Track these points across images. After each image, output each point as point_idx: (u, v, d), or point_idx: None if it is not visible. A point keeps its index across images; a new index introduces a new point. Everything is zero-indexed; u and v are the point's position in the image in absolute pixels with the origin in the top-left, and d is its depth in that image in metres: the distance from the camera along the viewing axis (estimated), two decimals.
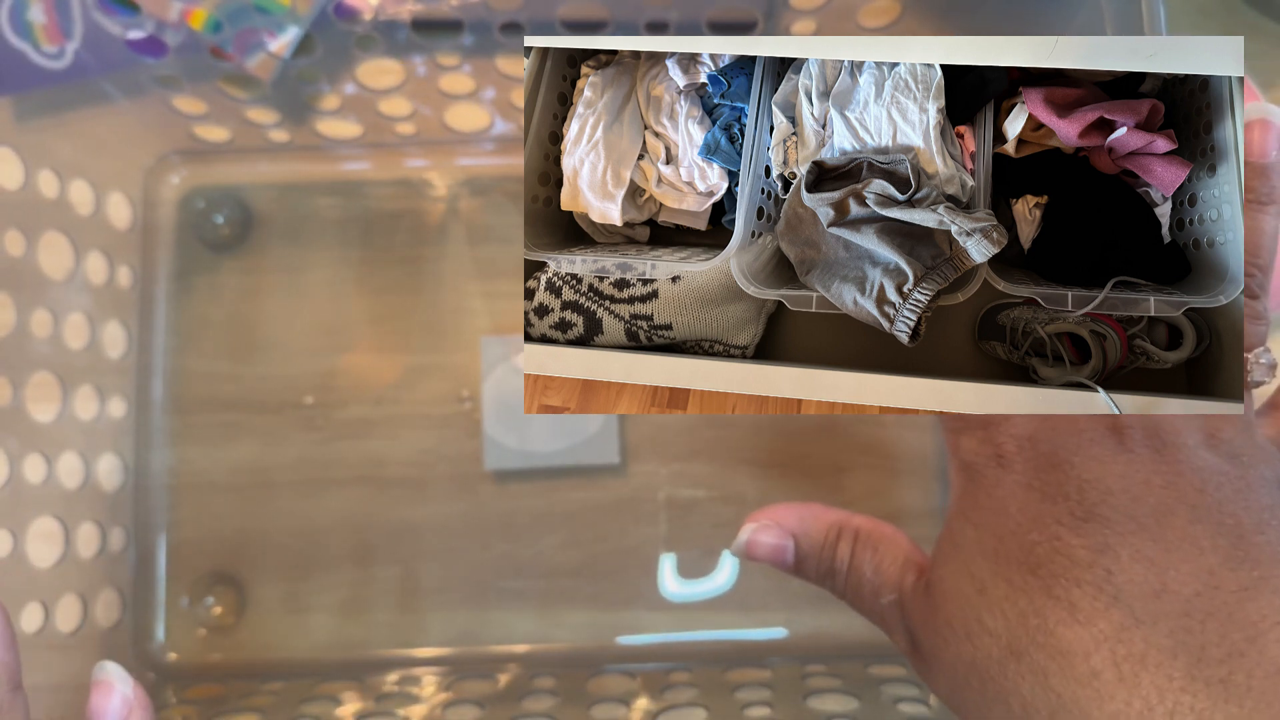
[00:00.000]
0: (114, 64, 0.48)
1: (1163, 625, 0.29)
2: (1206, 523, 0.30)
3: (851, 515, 0.35)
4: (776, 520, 0.35)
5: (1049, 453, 0.32)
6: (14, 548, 0.45)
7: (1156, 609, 0.29)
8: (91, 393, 0.51)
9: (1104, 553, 0.30)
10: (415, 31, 0.48)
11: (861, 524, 0.35)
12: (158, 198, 0.57)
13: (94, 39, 0.47)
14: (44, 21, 0.46)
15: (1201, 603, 0.29)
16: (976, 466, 0.33)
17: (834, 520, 0.35)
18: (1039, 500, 0.31)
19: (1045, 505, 0.31)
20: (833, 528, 0.35)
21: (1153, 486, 0.31)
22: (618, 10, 0.47)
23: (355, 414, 0.57)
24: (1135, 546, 0.30)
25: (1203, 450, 0.32)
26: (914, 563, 0.34)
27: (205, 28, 0.47)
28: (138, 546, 0.54)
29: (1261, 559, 0.30)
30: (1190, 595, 0.29)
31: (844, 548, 0.35)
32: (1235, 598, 0.29)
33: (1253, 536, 0.30)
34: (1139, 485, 0.31)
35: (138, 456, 0.55)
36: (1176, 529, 0.30)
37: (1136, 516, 0.30)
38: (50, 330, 0.49)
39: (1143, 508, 0.30)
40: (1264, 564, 0.30)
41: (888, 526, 0.35)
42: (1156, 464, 0.31)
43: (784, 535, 0.35)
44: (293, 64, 0.51)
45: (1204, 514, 0.30)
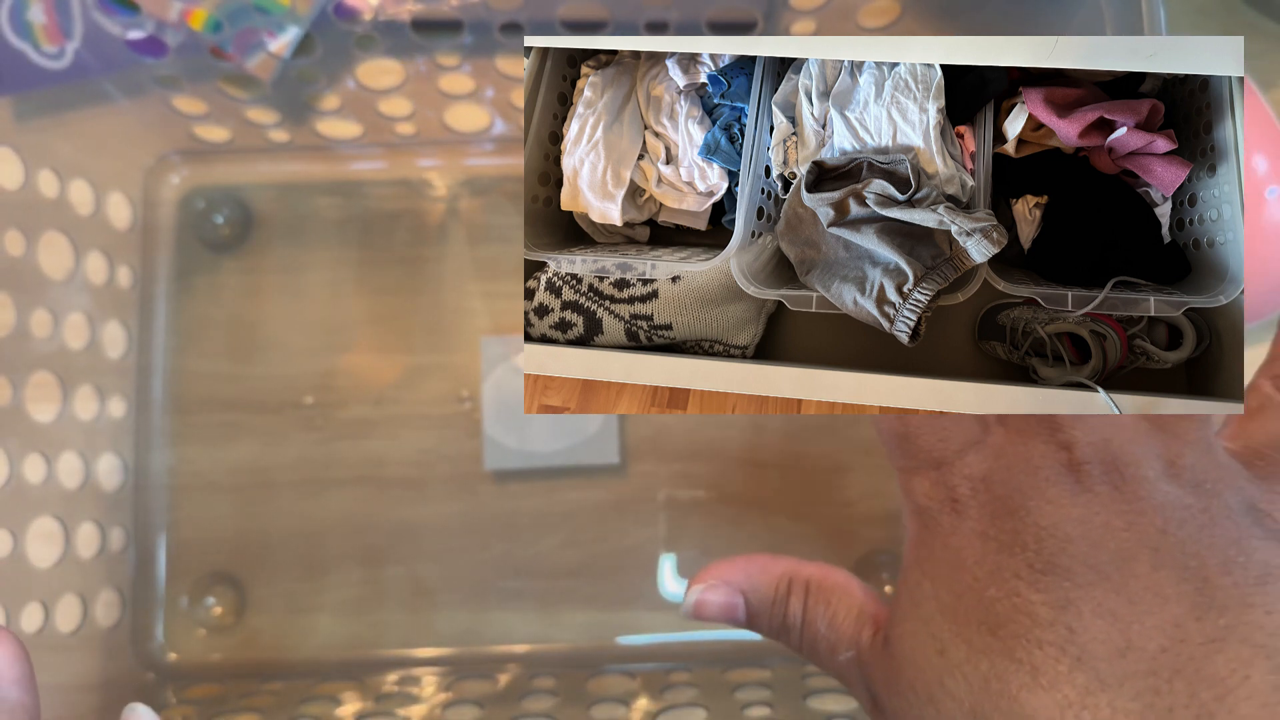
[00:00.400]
0: (114, 64, 0.49)
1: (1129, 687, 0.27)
2: (1170, 568, 0.29)
3: (801, 564, 0.34)
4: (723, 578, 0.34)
5: (1004, 496, 0.30)
6: (14, 548, 0.45)
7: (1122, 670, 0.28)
8: (91, 393, 0.51)
9: (1065, 609, 0.28)
10: (415, 31, 0.48)
11: (812, 574, 0.34)
12: (158, 198, 0.57)
13: (94, 39, 0.47)
14: (44, 21, 0.46)
15: (1168, 659, 0.28)
16: (930, 512, 0.31)
17: (783, 572, 0.34)
18: (996, 551, 0.30)
19: (1003, 557, 0.30)
20: (782, 580, 0.34)
21: (1113, 530, 0.29)
22: (617, 10, 0.47)
23: (355, 414, 0.57)
24: (1098, 600, 0.28)
25: (1164, 483, 0.30)
26: (869, 615, 0.33)
27: (205, 28, 0.47)
28: (138, 546, 0.54)
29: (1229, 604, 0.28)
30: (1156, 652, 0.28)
31: (795, 602, 0.33)
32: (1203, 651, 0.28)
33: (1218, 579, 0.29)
34: (1099, 530, 0.29)
35: (138, 456, 0.55)
36: (1140, 577, 0.29)
37: (1098, 566, 0.29)
38: (50, 330, 0.49)
39: (1104, 555, 0.29)
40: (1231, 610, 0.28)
41: (839, 574, 0.34)
42: (1116, 503, 0.30)
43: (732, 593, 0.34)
44: (293, 64, 0.51)
45: (1167, 558, 0.29)
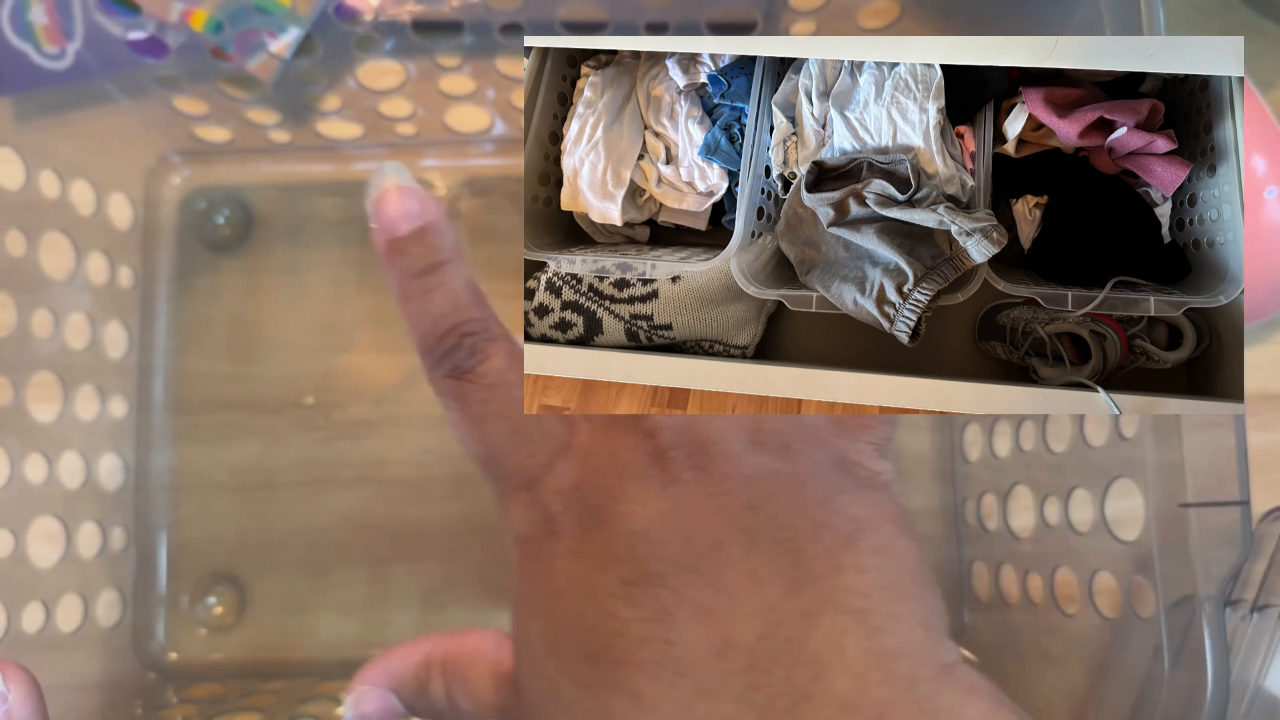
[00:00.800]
0: (115, 65, 0.49)
1: (728, 689, 0.26)
2: (763, 547, 0.27)
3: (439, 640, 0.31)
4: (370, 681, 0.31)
5: (596, 505, 0.28)
6: (15, 547, 0.45)
7: (721, 672, 0.26)
8: (92, 393, 0.51)
9: (662, 621, 0.26)
10: (416, 32, 0.49)
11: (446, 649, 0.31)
12: (159, 198, 0.57)
13: (95, 40, 0.47)
14: (45, 22, 0.46)
15: (766, 647, 0.26)
16: (530, 540, 0.29)
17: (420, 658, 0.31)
18: (590, 571, 0.27)
19: (597, 576, 0.27)
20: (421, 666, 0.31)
21: (703, 518, 0.27)
22: (617, 11, 0.47)
23: (356, 414, 0.57)
24: (694, 602, 0.26)
25: (750, 453, 0.28)
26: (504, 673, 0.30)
27: (206, 28, 0.47)
28: (138, 546, 0.54)
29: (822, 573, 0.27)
30: (754, 643, 0.26)
31: (436, 687, 0.31)
32: (799, 631, 0.26)
33: (810, 547, 0.27)
34: (688, 522, 0.27)
35: (138, 456, 0.55)
36: (733, 564, 0.27)
37: (691, 564, 0.27)
38: (51, 330, 0.49)
39: (696, 550, 0.27)
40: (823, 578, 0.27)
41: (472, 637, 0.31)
42: (704, 488, 0.28)
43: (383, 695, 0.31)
44: (293, 65, 0.51)
45: (759, 536, 0.27)
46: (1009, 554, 0.50)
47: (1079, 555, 0.43)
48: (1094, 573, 0.42)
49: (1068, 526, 0.44)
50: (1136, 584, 0.38)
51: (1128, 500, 0.39)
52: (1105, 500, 0.41)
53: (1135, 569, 0.38)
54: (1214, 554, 0.34)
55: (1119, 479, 0.40)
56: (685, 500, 0.27)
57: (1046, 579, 0.45)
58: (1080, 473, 0.43)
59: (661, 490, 0.28)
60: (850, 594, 0.26)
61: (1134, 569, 0.38)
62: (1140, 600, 0.38)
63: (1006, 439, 0.51)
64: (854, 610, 0.26)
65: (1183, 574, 0.35)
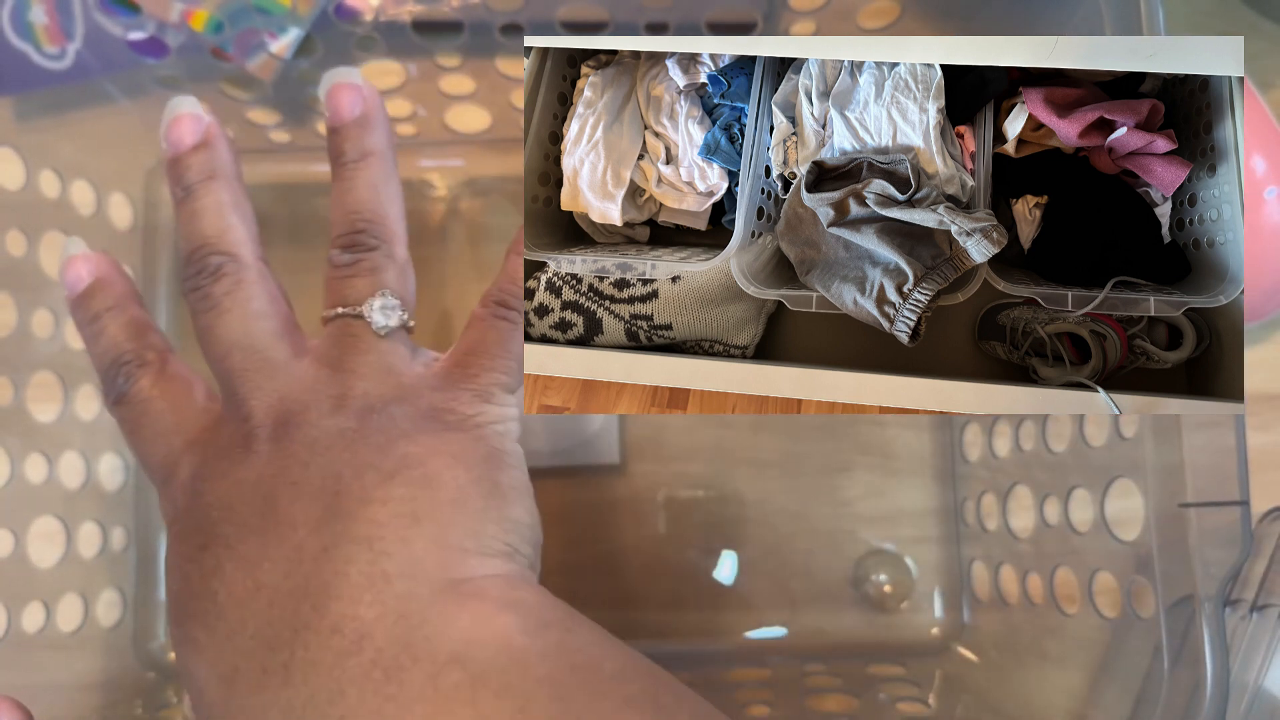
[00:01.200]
0: (115, 65, 0.49)
1: (250, 626, 0.28)
2: (307, 495, 0.30)
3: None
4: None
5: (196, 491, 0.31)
6: (15, 547, 0.45)
7: (250, 611, 0.28)
8: (92, 392, 0.51)
9: (215, 574, 0.29)
10: (416, 32, 0.49)
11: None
12: (159, 198, 0.57)
13: (95, 40, 0.47)
14: (45, 22, 0.46)
15: (288, 584, 0.28)
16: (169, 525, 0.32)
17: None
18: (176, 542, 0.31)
19: (179, 546, 0.31)
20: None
21: (263, 480, 0.30)
22: (617, 13, 0.47)
23: None
24: (241, 554, 0.29)
25: (326, 419, 0.31)
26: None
27: (206, 29, 0.47)
28: (139, 546, 0.54)
29: (350, 509, 0.29)
30: (279, 581, 0.29)
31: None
32: (315, 564, 0.28)
33: (350, 487, 0.30)
34: (252, 487, 0.30)
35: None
36: (278, 514, 0.30)
37: (247, 521, 0.30)
38: (51, 330, 0.49)
39: (254, 509, 0.30)
40: (349, 513, 0.29)
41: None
42: (274, 456, 0.31)
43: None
44: (294, 65, 0.51)
45: (306, 488, 0.30)
46: (1009, 554, 0.50)
47: (1079, 555, 0.43)
48: (1094, 572, 0.42)
49: (1068, 526, 0.44)
50: (1136, 584, 0.38)
51: (1127, 500, 0.39)
52: (1105, 500, 0.41)
53: (1135, 569, 0.38)
54: (1214, 554, 0.34)
55: (1119, 479, 0.40)
56: (257, 469, 0.31)
57: (1046, 579, 0.46)
58: (1080, 472, 0.43)
59: (242, 464, 0.31)
60: (367, 524, 0.29)
61: (1134, 569, 0.38)
62: (1140, 600, 0.38)
63: (1006, 439, 0.51)
64: (364, 539, 0.29)
65: (1182, 574, 0.35)
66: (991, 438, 0.52)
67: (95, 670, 0.50)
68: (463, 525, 0.30)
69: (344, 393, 0.32)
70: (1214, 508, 0.35)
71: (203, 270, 0.35)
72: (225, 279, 0.34)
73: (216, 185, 0.36)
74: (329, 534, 0.29)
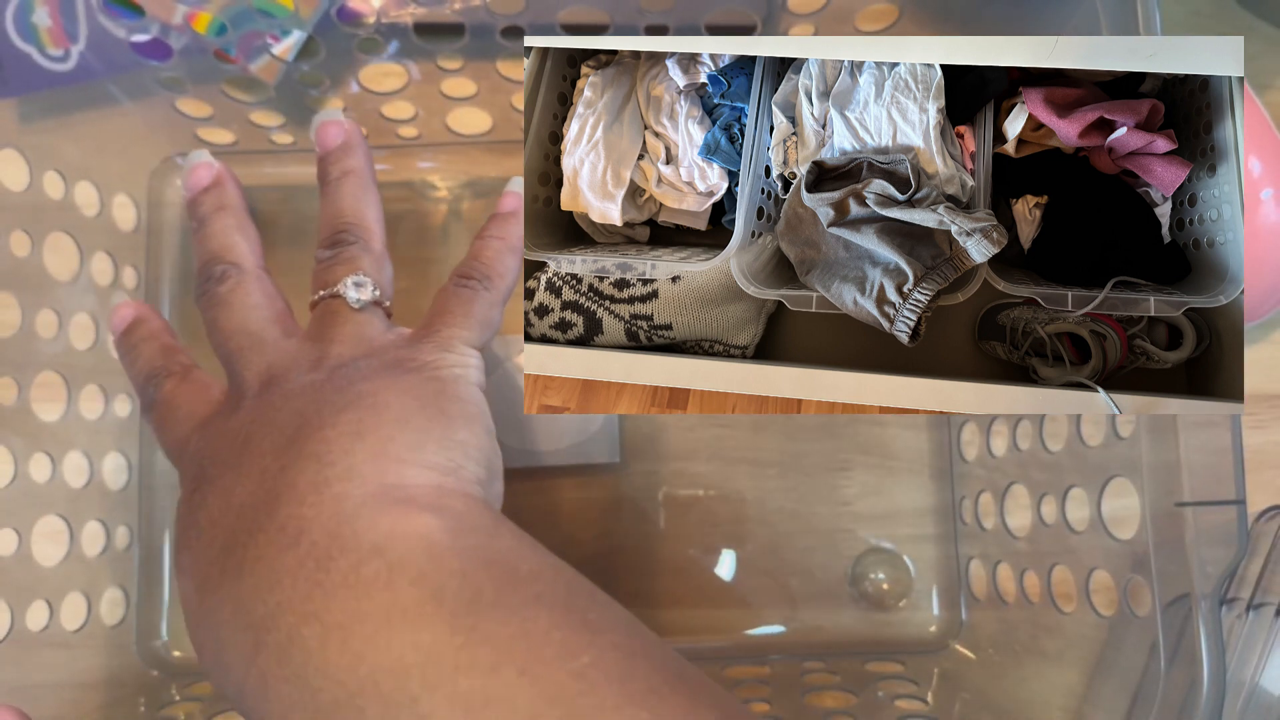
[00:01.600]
0: (118, 67, 0.49)
1: (219, 540, 0.32)
2: (278, 431, 0.34)
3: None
4: None
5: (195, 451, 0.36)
6: (19, 546, 0.46)
7: (221, 529, 0.32)
8: (96, 392, 0.52)
9: (200, 508, 0.34)
10: (417, 35, 0.49)
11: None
12: (162, 199, 0.58)
13: (99, 42, 0.47)
14: (49, 24, 0.46)
15: (253, 500, 0.32)
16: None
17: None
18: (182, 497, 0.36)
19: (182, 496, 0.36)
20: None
21: (244, 427, 0.35)
22: (617, 15, 0.47)
23: None
24: (220, 485, 0.34)
25: (305, 375, 0.36)
26: None
27: (209, 31, 0.47)
28: (142, 545, 0.54)
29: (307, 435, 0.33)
30: (246, 499, 0.32)
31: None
32: (275, 482, 0.32)
33: (311, 420, 0.34)
34: (234, 433, 0.35)
35: (142, 455, 0.55)
36: (252, 450, 0.34)
37: (227, 460, 0.34)
38: (55, 331, 0.49)
39: (234, 449, 0.34)
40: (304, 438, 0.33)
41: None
42: (257, 407, 0.36)
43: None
44: (296, 67, 0.51)
45: (276, 428, 0.34)
46: (1006, 552, 0.50)
47: (1076, 554, 0.43)
48: (1091, 571, 0.42)
49: (1065, 525, 0.44)
50: (1133, 582, 0.38)
51: (1124, 499, 0.39)
52: (1102, 499, 0.41)
53: (1132, 567, 0.38)
54: (1210, 552, 0.35)
55: (1115, 478, 0.40)
56: (242, 420, 0.36)
57: (1043, 577, 0.46)
58: (1077, 472, 0.43)
59: (229, 418, 0.36)
60: (319, 443, 0.33)
61: (1130, 567, 0.39)
62: (1137, 598, 0.38)
63: (1003, 438, 0.51)
64: (313, 454, 0.33)
65: (1179, 572, 0.35)
66: (989, 437, 0.52)
67: (98, 669, 0.51)
68: (402, 440, 0.33)
69: (321, 356, 0.37)
70: (1210, 507, 0.35)
71: (210, 277, 0.41)
72: (228, 281, 0.41)
73: (224, 214, 0.43)
74: (287, 456, 0.33)
